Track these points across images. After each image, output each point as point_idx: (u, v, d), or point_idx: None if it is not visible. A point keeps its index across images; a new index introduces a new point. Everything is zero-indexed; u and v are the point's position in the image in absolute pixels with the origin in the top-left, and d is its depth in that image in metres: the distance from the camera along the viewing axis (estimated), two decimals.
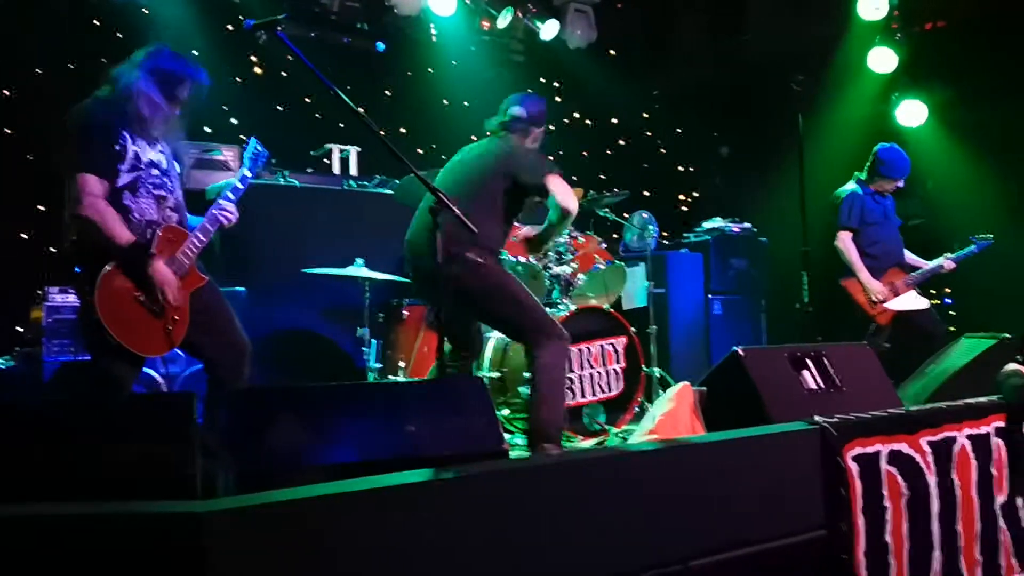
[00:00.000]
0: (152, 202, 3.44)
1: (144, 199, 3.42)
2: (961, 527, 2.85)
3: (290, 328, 5.77)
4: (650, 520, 2.16)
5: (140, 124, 3.45)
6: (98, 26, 6.38)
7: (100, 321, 3.22)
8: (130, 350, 3.30)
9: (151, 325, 3.36)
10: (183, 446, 2.10)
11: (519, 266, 5.21)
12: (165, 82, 3.49)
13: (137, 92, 3.42)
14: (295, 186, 5.65)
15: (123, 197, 3.37)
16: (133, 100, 3.41)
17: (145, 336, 3.34)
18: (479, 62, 8.10)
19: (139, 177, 3.42)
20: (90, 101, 3.45)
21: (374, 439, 2.32)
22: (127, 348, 3.28)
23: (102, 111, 3.40)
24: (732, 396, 3.09)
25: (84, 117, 3.38)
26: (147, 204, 3.43)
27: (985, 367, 3.53)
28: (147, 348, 3.39)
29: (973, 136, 7.08)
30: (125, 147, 3.39)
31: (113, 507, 1.62)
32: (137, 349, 3.34)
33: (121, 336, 3.26)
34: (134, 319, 3.32)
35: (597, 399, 5.12)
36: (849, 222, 5.64)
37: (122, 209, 3.36)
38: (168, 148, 3.61)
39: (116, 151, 3.36)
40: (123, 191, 3.37)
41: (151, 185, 3.45)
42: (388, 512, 1.75)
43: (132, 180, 3.40)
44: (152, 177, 3.46)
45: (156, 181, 3.48)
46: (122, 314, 3.28)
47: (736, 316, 7.43)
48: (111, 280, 3.28)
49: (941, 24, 7.43)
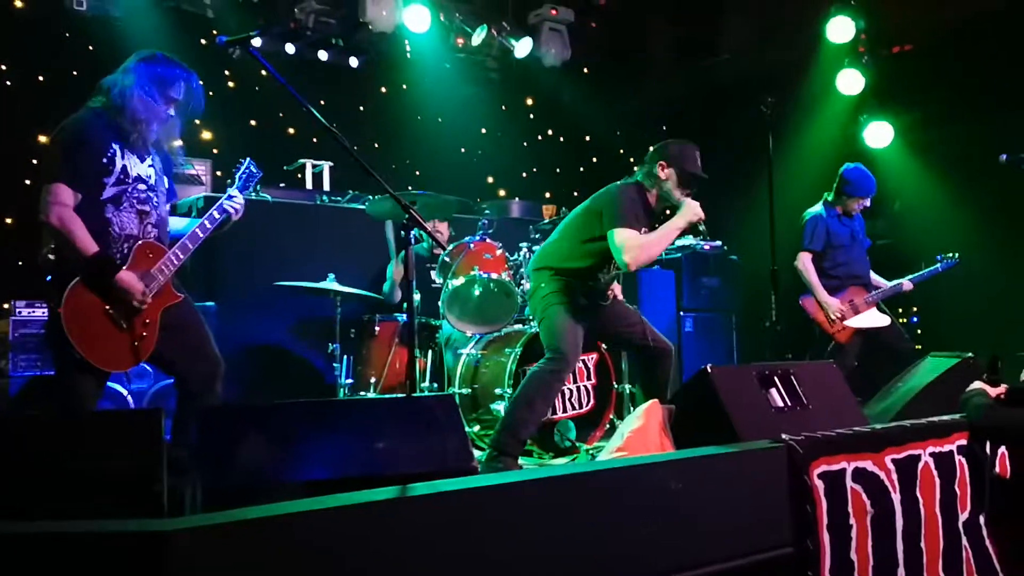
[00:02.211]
0: (134, 216, 3.43)
1: (126, 213, 3.41)
2: (925, 544, 2.88)
3: (260, 343, 5.74)
4: (618, 537, 2.17)
5: (135, 128, 3.43)
6: (69, 38, 6.34)
7: (65, 333, 3.19)
8: (93, 364, 3.27)
9: (117, 339, 3.33)
10: (150, 462, 2.08)
11: (491, 283, 5.22)
12: (159, 83, 3.48)
13: (131, 95, 3.42)
14: (267, 200, 5.63)
15: (105, 210, 3.36)
16: (128, 104, 3.41)
17: (110, 350, 3.31)
18: (453, 79, 8.14)
19: (124, 191, 3.41)
20: (84, 112, 3.45)
21: (344, 456, 2.31)
22: (90, 362, 3.25)
23: (94, 123, 3.40)
24: (701, 414, 3.11)
25: (76, 131, 3.37)
26: (128, 218, 3.41)
27: (950, 386, 3.58)
28: (112, 363, 3.36)
29: (938, 157, 7.20)
30: (113, 160, 3.38)
31: (73, 526, 1.60)
32: (101, 363, 3.30)
33: (85, 350, 3.23)
34: (100, 333, 3.29)
35: (568, 415, 5.12)
36: (810, 244, 5.73)
37: (103, 222, 3.35)
38: (159, 161, 3.59)
39: (103, 164, 3.36)
40: (106, 204, 3.37)
41: (135, 200, 3.44)
42: (357, 530, 1.75)
43: (117, 194, 3.39)
44: (138, 192, 3.45)
45: (141, 196, 3.46)
46: (88, 327, 3.26)
47: (707, 333, 7.47)
48: (79, 293, 3.26)
49: (907, 47, 7.56)
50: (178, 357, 3.52)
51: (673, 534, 2.29)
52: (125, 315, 3.33)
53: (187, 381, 3.53)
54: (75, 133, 3.36)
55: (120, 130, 3.43)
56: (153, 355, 3.46)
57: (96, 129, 3.39)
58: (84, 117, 3.42)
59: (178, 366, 3.54)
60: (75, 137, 3.35)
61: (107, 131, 3.40)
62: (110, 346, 3.31)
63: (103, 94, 3.46)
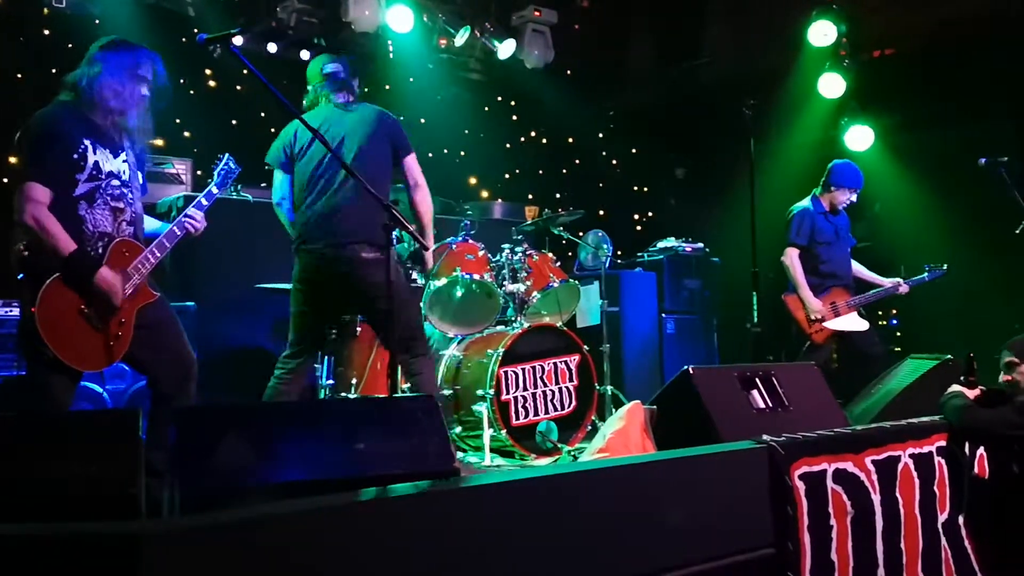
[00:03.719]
0: (108, 214, 3.38)
1: (100, 210, 3.36)
2: (904, 544, 2.89)
3: (240, 344, 5.70)
4: (599, 539, 2.16)
5: (108, 119, 3.38)
6: (48, 36, 6.28)
7: (38, 332, 3.15)
8: (66, 363, 3.23)
9: (92, 339, 3.29)
10: (127, 464, 2.06)
11: (474, 284, 5.21)
12: (127, 67, 3.43)
13: (100, 84, 3.36)
14: (248, 200, 5.60)
15: (79, 207, 3.31)
16: (97, 94, 3.36)
17: (85, 350, 3.27)
18: (436, 80, 8.12)
19: (98, 187, 3.35)
20: (53, 107, 3.38)
21: (324, 458, 2.29)
22: (63, 361, 3.21)
23: (64, 118, 3.34)
24: (682, 415, 3.12)
25: (44, 124, 3.31)
26: (103, 216, 3.36)
27: (929, 388, 3.60)
28: (86, 362, 3.31)
29: (917, 160, 7.26)
30: (85, 156, 3.32)
31: (48, 528, 1.58)
32: (75, 363, 3.26)
33: (59, 349, 3.19)
34: (75, 332, 3.24)
35: (550, 417, 5.12)
36: (797, 239, 5.72)
37: (76, 220, 3.29)
38: (132, 156, 3.54)
39: (74, 160, 3.29)
40: (79, 201, 3.31)
41: (109, 196, 3.39)
42: (336, 532, 1.73)
43: (90, 190, 3.33)
44: (111, 188, 3.40)
45: (115, 192, 3.41)
46: (62, 326, 3.21)
47: (689, 335, 7.49)
48: (54, 291, 3.21)
49: (888, 52, 7.62)
50: (151, 357, 3.48)
51: (654, 535, 2.29)
52: (100, 314, 3.29)
53: (160, 381, 3.50)
54: (43, 128, 3.30)
55: (91, 125, 3.37)
56: (127, 355, 3.42)
57: (65, 124, 3.32)
58: (52, 112, 3.36)
59: (151, 366, 3.51)
60: (43, 132, 3.29)
61: (78, 126, 3.34)
62: (84, 345, 3.27)
63: (70, 89, 3.40)
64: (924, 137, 7.34)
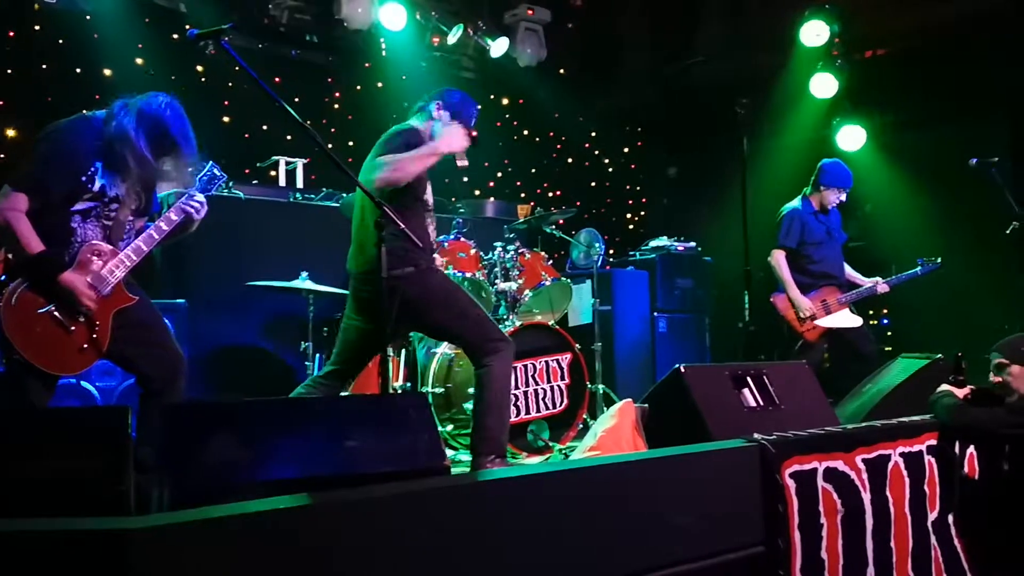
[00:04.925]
0: (99, 230, 3.36)
1: (91, 226, 3.33)
2: (894, 543, 2.90)
3: (232, 341, 5.69)
4: (590, 536, 2.16)
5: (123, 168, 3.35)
6: (38, 32, 6.24)
7: (6, 337, 3.12)
8: (39, 368, 3.18)
9: (64, 342, 3.23)
10: (116, 461, 2.05)
11: (465, 281, 5.20)
12: (153, 134, 3.37)
13: (126, 140, 3.30)
14: (240, 198, 5.58)
15: (72, 219, 3.29)
16: (121, 145, 3.31)
17: (56, 354, 3.21)
18: (429, 78, 8.10)
19: (95, 207, 3.33)
20: (78, 120, 3.36)
21: (314, 455, 2.29)
22: (35, 366, 3.17)
23: (84, 135, 3.30)
24: (674, 413, 3.12)
25: (61, 142, 3.28)
26: (93, 231, 3.34)
27: (920, 387, 3.61)
28: (57, 366, 3.25)
29: (910, 160, 7.28)
30: (93, 178, 3.30)
31: (37, 524, 1.57)
32: (45, 367, 3.20)
33: (29, 353, 3.14)
34: (45, 336, 3.19)
35: (541, 415, 5.12)
36: (785, 241, 5.72)
37: (67, 231, 3.28)
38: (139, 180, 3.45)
39: (82, 183, 3.27)
40: (74, 215, 3.29)
41: (104, 216, 3.37)
42: (325, 529, 1.73)
43: (87, 208, 3.32)
44: (110, 211, 3.38)
45: (111, 213, 3.38)
46: (32, 330, 3.16)
47: (681, 334, 7.50)
48: (23, 295, 3.16)
49: (881, 52, 7.64)
50: (138, 355, 3.45)
51: (645, 533, 2.29)
52: (71, 317, 3.24)
53: (149, 379, 3.47)
54: (60, 144, 3.27)
55: (106, 148, 3.33)
56: (113, 355, 3.38)
57: (82, 143, 3.29)
58: (74, 125, 3.33)
59: (139, 364, 3.47)
60: (59, 149, 3.26)
61: (93, 145, 3.30)
62: (56, 349, 3.21)
63: (110, 111, 3.35)
64: (916, 137, 7.36)
